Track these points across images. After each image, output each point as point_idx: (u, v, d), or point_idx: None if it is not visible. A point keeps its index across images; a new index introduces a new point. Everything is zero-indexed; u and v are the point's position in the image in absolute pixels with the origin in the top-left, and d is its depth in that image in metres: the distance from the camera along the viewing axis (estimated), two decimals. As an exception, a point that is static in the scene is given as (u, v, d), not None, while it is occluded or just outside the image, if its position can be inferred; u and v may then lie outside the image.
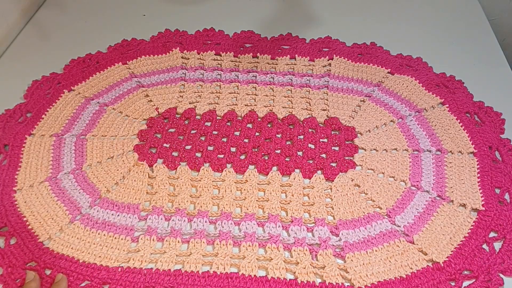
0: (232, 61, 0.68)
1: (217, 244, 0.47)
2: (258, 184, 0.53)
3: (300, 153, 0.56)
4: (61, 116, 0.60)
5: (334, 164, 0.55)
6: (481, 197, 0.50)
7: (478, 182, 0.52)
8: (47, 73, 0.65)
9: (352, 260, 0.46)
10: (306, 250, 0.46)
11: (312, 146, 0.57)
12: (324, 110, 0.61)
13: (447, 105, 0.60)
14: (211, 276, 0.44)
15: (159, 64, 0.68)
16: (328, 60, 0.68)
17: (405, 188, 0.52)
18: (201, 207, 0.50)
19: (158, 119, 0.60)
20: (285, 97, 0.63)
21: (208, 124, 0.60)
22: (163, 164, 0.55)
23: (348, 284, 0.44)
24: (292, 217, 0.49)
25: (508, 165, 0.53)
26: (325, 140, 0.58)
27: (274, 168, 0.55)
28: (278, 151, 0.56)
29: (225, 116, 0.61)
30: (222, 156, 0.56)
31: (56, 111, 0.60)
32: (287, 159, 0.56)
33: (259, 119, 0.60)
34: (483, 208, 0.49)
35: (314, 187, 0.53)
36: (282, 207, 0.51)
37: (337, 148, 0.57)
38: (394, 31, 0.74)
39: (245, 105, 0.62)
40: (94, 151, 0.56)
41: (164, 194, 0.52)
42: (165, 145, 0.57)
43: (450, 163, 0.54)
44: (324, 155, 0.56)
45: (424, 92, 0.62)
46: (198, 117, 0.61)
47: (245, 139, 0.58)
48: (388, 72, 0.66)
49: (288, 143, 0.57)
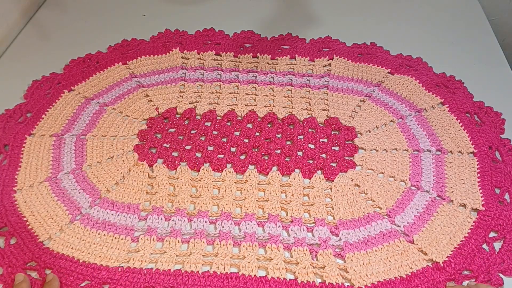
0: (232, 61, 0.68)
1: (217, 244, 0.47)
2: (258, 184, 0.53)
3: (300, 153, 0.56)
4: (61, 116, 0.60)
5: (334, 164, 0.55)
6: (481, 197, 0.50)
7: (478, 182, 0.52)
8: (47, 73, 0.65)
9: (352, 260, 0.46)
10: (306, 250, 0.46)
11: (312, 146, 0.57)
12: (324, 110, 0.61)
13: (447, 105, 0.60)
14: (211, 276, 0.44)
15: (159, 64, 0.68)
16: (328, 60, 0.68)
17: (405, 188, 0.52)
18: (201, 207, 0.50)
19: (158, 119, 0.60)
20: (285, 97, 0.63)
21: (208, 124, 0.60)
22: (163, 164, 0.55)
23: (348, 284, 0.44)
24: (292, 217, 0.49)
25: (508, 165, 0.53)
26: (325, 140, 0.58)
27: (274, 168, 0.55)
28: (278, 151, 0.56)
29: (225, 116, 0.61)
30: (222, 156, 0.56)
31: (56, 111, 0.60)
32: (287, 159, 0.56)
33: (259, 119, 0.60)
34: (483, 208, 0.49)
35: (314, 187, 0.53)
36: (282, 207, 0.51)
37: (337, 148, 0.57)
38: (394, 31, 0.74)
39: (245, 105, 0.62)
40: (94, 151, 0.56)
41: (164, 194, 0.52)
42: (165, 145, 0.57)
43: (450, 163, 0.54)
44: (324, 155, 0.56)
45: (424, 92, 0.62)
46: (198, 117, 0.61)
47: (245, 139, 0.58)
48: (388, 72, 0.66)
49: (288, 143, 0.57)
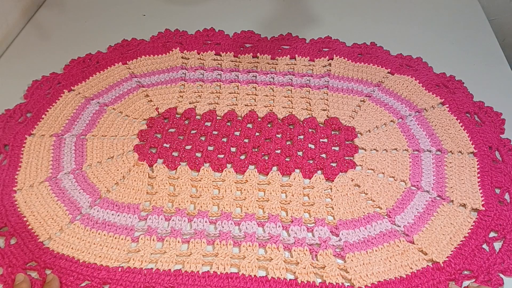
0: (232, 61, 0.68)
1: (217, 244, 0.47)
2: (258, 184, 0.53)
3: (300, 153, 0.56)
4: (61, 116, 0.60)
5: (334, 164, 0.55)
6: (481, 197, 0.50)
7: (478, 182, 0.52)
8: (47, 73, 0.65)
9: (352, 260, 0.46)
10: (306, 250, 0.46)
11: (312, 146, 0.57)
12: (324, 110, 0.61)
13: (447, 105, 0.60)
14: (211, 276, 0.44)
15: (159, 64, 0.68)
16: (328, 60, 0.68)
17: (405, 188, 0.52)
18: (201, 207, 0.50)
19: (158, 119, 0.60)
20: (285, 97, 0.63)
21: (208, 124, 0.60)
22: (163, 164, 0.55)
23: (348, 284, 0.44)
24: (292, 217, 0.49)
25: (508, 165, 0.53)
26: (325, 140, 0.58)
27: (274, 168, 0.55)
28: (278, 151, 0.56)
29: (225, 116, 0.61)
30: (222, 156, 0.56)
31: (56, 111, 0.60)
32: (287, 159, 0.56)
33: (259, 119, 0.60)
34: (483, 208, 0.49)
35: (314, 187, 0.53)
36: (282, 207, 0.51)
37: (337, 148, 0.57)
38: (394, 31, 0.74)
39: (245, 105, 0.62)
40: (94, 151, 0.56)
41: (164, 194, 0.52)
42: (165, 145, 0.57)
43: (450, 163, 0.54)
44: (324, 155, 0.56)
45: (424, 92, 0.62)
46: (198, 117, 0.61)
47: (245, 139, 0.58)
48: (388, 72, 0.66)
49: (288, 143, 0.57)
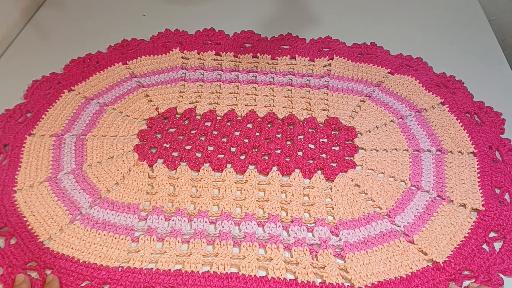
0: (232, 61, 0.68)
1: (217, 244, 0.47)
2: (258, 184, 0.53)
3: (300, 153, 0.56)
4: (61, 116, 0.60)
5: (334, 164, 0.55)
6: (481, 197, 0.50)
7: (478, 182, 0.52)
8: (47, 73, 0.65)
9: (352, 260, 0.46)
10: (306, 250, 0.46)
11: (312, 146, 0.57)
12: (324, 110, 0.61)
13: (447, 105, 0.60)
14: (211, 276, 0.44)
15: (159, 64, 0.68)
16: (328, 60, 0.68)
17: (405, 188, 0.52)
18: (201, 207, 0.50)
19: (158, 119, 0.60)
20: (285, 97, 0.63)
21: (208, 124, 0.60)
22: (163, 164, 0.55)
23: (348, 284, 0.44)
24: (292, 217, 0.49)
25: (508, 165, 0.53)
26: (325, 140, 0.58)
27: (274, 168, 0.55)
28: (278, 151, 0.56)
29: (225, 116, 0.61)
30: (222, 156, 0.56)
31: (56, 111, 0.60)
32: (287, 159, 0.56)
33: (259, 119, 0.60)
34: (483, 208, 0.49)
35: (314, 187, 0.53)
36: (282, 207, 0.51)
37: (337, 148, 0.57)
38: (394, 31, 0.74)
39: (245, 105, 0.62)
40: (94, 151, 0.56)
41: (164, 194, 0.52)
42: (165, 145, 0.57)
43: (450, 163, 0.54)
44: (324, 155, 0.56)
45: (424, 92, 0.62)
46: (198, 117, 0.61)
47: (245, 139, 0.58)
48: (388, 72, 0.66)
49: (288, 143, 0.57)
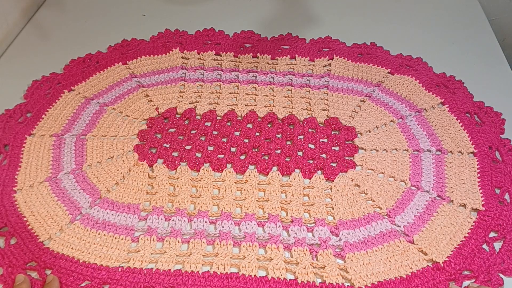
0: (232, 61, 0.68)
1: (217, 244, 0.47)
2: (258, 184, 0.53)
3: (300, 153, 0.56)
4: (61, 116, 0.60)
5: (334, 164, 0.55)
6: (481, 197, 0.50)
7: (478, 182, 0.52)
8: (47, 73, 0.65)
9: (352, 260, 0.46)
10: (306, 250, 0.46)
11: (312, 146, 0.57)
12: (324, 110, 0.61)
13: (447, 105, 0.60)
14: (211, 276, 0.44)
15: (159, 64, 0.68)
16: (328, 60, 0.68)
17: (405, 188, 0.52)
18: (201, 207, 0.50)
19: (158, 119, 0.60)
20: (285, 97, 0.63)
21: (208, 124, 0.60)
22: (163, 164, 0.55)
23: (348, 284, 0.44)
24: (292, 217, 0.49)
25: (508, 165, 0.53)
26: (325, 140, 0.58)
27: (274, 168, 0.55)
28: (278, 151, 0.56)
29: (225, 116, 0.61)
30: (222, 156, 0.56)
31: (56, 111, 0.60)
32: (287, 159, 0.56)
33: (259, 119, 0.60)
34: (483, 208, 0.49)
35: (314, 187, 0.53)
36: (282, 207, 0.51)
37: (337, 148, 0.57)
38: (394, 31, 0.74)
39: (245, 105, 0.62)
40: (94, 151, 0.56)
41: (164, 194, 0.52)
42: (165, 145, 0.57)
43: (450, 163, 0.54)
44: (324, 155, 0.56)
45: (424, 92, 0.62)
46: (198, 117, 0.61)
47: (245, 139, 0.58)
48: (388, 72, 0.66)
49: (288, 143, 0.57)
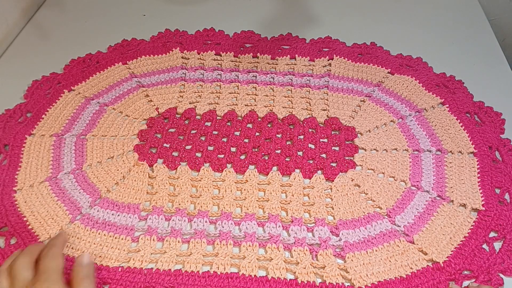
0: (232, 61, 0.68)
1: (217, 244, 0.47)
2: (258, 184, 0.53)
3: (300, 153, 0.56)
4: (61, 116, 0.60)
5: (334, 164, 0.55)
6: (481, 197, 0.50)
7: (478, 182, 0.52)
8: (47, 73, 0.65)
9: (352, 260, 0.46)
10: (306, 250, 0.46)
11: (312, 146, 0.57)
12: (324, 110, 0.61)
13: (447, 105, 0.60)
14: (211, 276, 0.44)
15: (159, 64, 0.68)
16: (328, 60, 0.68)
17: (405, 188, 0.52)
18: (201, 207, 0.50)
19: (158, 119, 0.60)
20: (285, 97, 0.63)
21: (208, 124, 0.60)
22: (163, 164, 0.55)
23: (348, 284, 0.44)
24: (292, 217, 0.49)
25: (508, 165, 0.53)
26: (325, 140, 0.58)
27: (274, 168, 0.55)
28: (278, 151, 0.56)
29: (225, 116, 0.61)
30: (222, 156, 0.56)
31: (56, 111, 0.60)
32: (287, 159, 0.56)
33: (259, 119, 0.60)
34: (483, 208, 0.49)
35: (314, 187, 0.53)
36: (282, 207, 0.51)
37: (337, 148, 0.57)
38: (394, 31, 0.74)
39: (245, 105, 0.62)
40: (94, 151, 0.56)
41: (164, 194, 0.52)
42: (165, 145, 0.57)
43: (450, 163, 0.54)
44: (324, 155, 0.56)
45: (424, 92, 0.62)
46: (198, 117, 0.61)
47: (245, 139, 0.58)
48: (388, 72, 0.66)
49: (288, 143, 0.57)
